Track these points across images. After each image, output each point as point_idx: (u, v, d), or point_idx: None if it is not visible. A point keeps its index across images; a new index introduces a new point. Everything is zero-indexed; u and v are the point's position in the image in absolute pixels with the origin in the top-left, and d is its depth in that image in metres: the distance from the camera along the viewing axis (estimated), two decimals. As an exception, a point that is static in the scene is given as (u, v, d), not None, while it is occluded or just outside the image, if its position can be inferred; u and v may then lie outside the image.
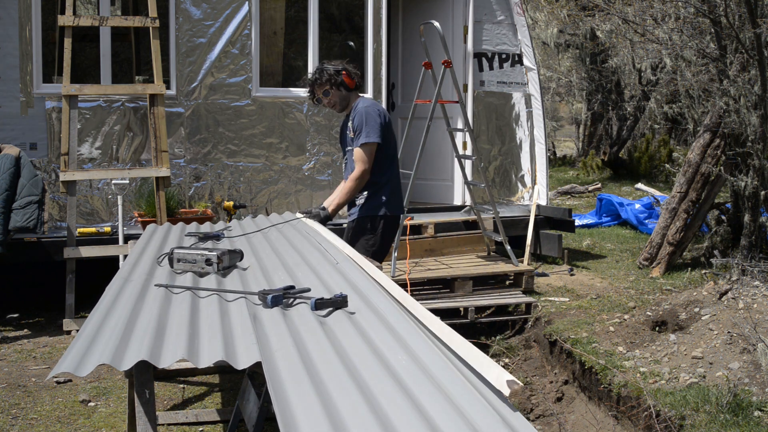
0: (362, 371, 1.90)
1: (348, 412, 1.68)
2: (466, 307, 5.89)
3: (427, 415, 1.67)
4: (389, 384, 1.81)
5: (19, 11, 6.27)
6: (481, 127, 8.14)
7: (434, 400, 1.73)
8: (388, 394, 1.77)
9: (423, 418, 1.65)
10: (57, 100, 6.39)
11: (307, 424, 1.60)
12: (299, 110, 7.35)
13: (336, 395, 1.76)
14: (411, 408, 1.70)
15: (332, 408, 1.69)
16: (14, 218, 5.73)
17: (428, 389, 1.80)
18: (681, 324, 5.09)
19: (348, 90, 4.51)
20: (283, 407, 1.66)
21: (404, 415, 1.68)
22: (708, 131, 7.07)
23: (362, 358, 1.98)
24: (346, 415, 1.65)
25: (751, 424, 3.76)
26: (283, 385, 1.78)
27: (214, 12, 6.93)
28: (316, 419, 1.62)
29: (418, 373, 1.88)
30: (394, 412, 1.68)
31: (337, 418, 1.64)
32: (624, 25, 9.74)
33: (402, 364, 1.93)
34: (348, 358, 1.99)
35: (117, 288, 2.67)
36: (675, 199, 7.28)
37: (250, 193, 7.17)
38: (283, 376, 1.83)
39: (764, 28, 5.85)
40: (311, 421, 1.61)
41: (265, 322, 2.27)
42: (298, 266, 3.07)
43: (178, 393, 4.73)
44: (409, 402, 1.73)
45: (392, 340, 2.12)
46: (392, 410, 1.69)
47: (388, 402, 1.72)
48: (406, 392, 1.78)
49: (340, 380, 1.83)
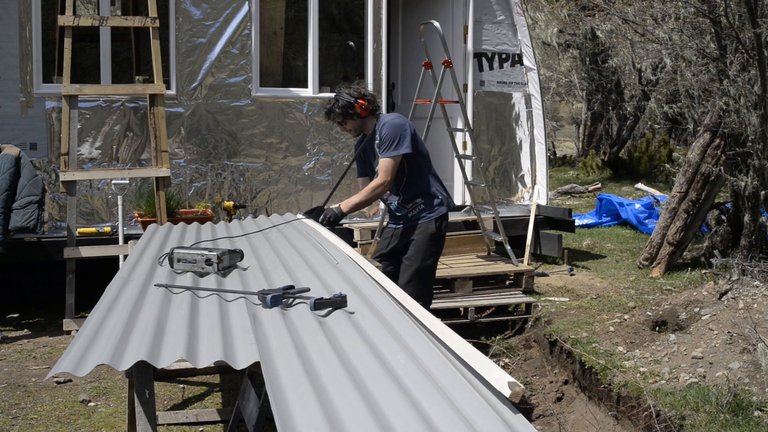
0: (361, 371, 1.90)
1: (346, 412, 1.68)
2: (466, 307, 5.89)
3: (426, 416, 1.66)
4: (388, 384, 1.81)
5: (19, 11, 6.27)
6: (481, 127, 8.14)
7: (433, 401, 1.73)
8: (387, 394, 1.77)
9: (422, 419, 1.65)
10: (57, 100, 6.39)
11: (304, 423, 1.60)
12: (299, 110, 7.34)
13: (334, 395, 1.75)
14: (410, 408, 1.70)
15: (330, 407, 1.69)
16: (14, 218, 5.73)
17: (428, 390, 1.79)
18: (681, 324, 5.09)
19: (362, 118, 4.50)
20: (281, 407, 1.66)
21: (402, 415, 1.68)
22: (708, 131, 7.07)
23: (361, 359, 1.98)
24: (344, 415, 1.65)
25: (751, 424, 3.76)
26: (281, 383, 1.78)
27: (214, 12, 6.93)
28: (313, 419, 1.62)
29: (418, 373, 1.88)
30: (393, 413, 1.68)
31: (335, 417, 1.64)
32: (624, 25, 9.74)
33: (401, 364, 1.92)
34: (347, 359, 1.99)
35: (117, 288, 2.67)
36: (675, 199, 7.28)
37: (250, 193, 7.16)
38: (282, 376, 1.82)
39: (764, 28, 5.85)
40: (309, 421, 1.61)
41: (264, 322, 2.27)
42: (298, 266, 3.07)
43: (178, 393, 4.73)
44: (408, 402, 1.72)
45: (392, 340, 2.12)
46: (391, 411, 1.69)
47: (386, 402, 1.72)
48: (405, 393, 1.78)
49: (338, 380, 1.82)
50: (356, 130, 4.58)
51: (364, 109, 4.45)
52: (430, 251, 4.55)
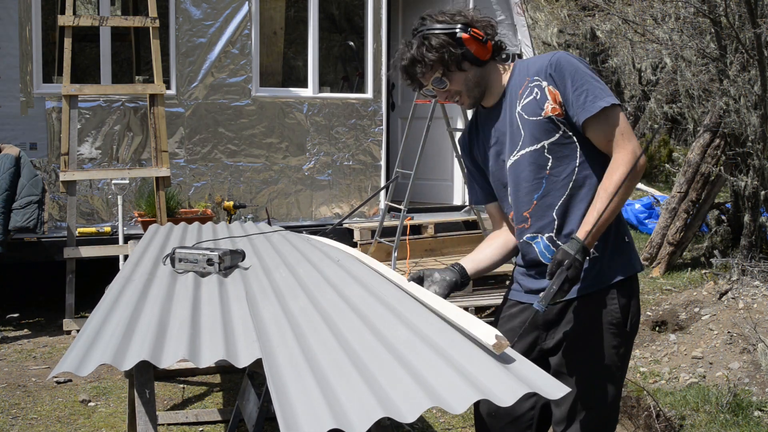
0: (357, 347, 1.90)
1: (341, 384, 1.69)
2: (466, 307, 5.89)
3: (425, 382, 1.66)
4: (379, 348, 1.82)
5: (19, 11, 6.27)
6: (481, 127, 8.13)
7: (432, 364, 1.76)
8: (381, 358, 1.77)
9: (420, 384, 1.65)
10: (57, 100, 6.39)
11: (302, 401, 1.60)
12: (299, 110, 7.35)
13: (326, 365, 1.76)
14: (405, 373, 1.73)
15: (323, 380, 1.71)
16: (14, 218, 5.74)
17: (433, 361, 1.83)
18: (681, 324, 5.09)
19: (481, 63, 2.33)
20: (280, 389, 1.66)
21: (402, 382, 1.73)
22: (708, 131, 7.08)
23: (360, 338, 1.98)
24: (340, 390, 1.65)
25: (751, 424, 3.76)
26: (281, 375, 1.78)
27: (214, 12, 6.93)
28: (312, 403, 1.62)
29: (418, 342, 1.88)
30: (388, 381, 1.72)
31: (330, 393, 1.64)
32: (624, 25, 9.74)
33: (399, 338, 1.93)
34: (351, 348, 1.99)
35: (118, 288, 2.66)
36: (675, 199, 7.29)
37: (250, 193, 7.17)
38: (282, 365, 1.83)
39: (764, 28, 5.85)
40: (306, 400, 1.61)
41: (265, 318, 2.27)
42: (299, 263, 3.06)
43: (178, 393, 4.73)
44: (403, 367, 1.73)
45: (392, 317, 2.12)
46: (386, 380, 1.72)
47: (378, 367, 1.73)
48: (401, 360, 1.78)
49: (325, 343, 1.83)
50: (471, 93, 2.35)
51: (482, 43, 2.29)
52: (617, 351, 2.34)
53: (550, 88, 2.25)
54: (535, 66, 2.31)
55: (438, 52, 2.25)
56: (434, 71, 2.29)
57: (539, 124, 2.26)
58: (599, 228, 2.16)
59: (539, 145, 2.28)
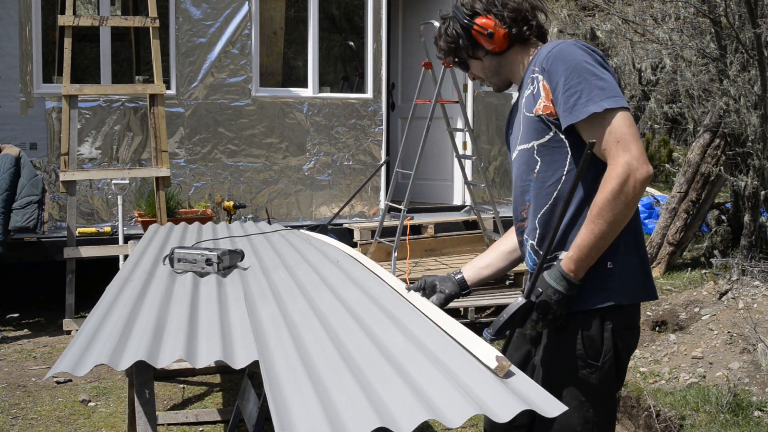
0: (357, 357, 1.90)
1: (336, 386, 1.69)
2: (466, 307, 5.89)
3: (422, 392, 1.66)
4: (380, 360, 1.81)
5: (19, 11, 6.27)
6: (481, 127, 8.13)
7: (439, 385, 1.74)
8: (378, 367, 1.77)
9: (416, 393, 1.65)
10: (57, 100, 6.39)
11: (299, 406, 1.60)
12: (299, 110, 7.35)
13: (325, 375, 1.75)
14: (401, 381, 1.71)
15: (322, 389, 1.70)
16: (14, 218, 5.74)
17: (430, 372, 1.80)
18: (681, 324, 5.09)
19: (495, 55, 2.20)
20: (277, 396, 1.66)
21: (395, 387, 1.71)
22: (708, 131, 7.07)
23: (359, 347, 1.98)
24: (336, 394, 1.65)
25: (751, 424, 3.76)
26: (275, 368, 1.78)
27: (214, 12, 6.93)
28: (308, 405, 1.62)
29: (415, 351, 1.88)
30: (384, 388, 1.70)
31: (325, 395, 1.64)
32: (624, 25, 9.73)
33: (397, 345, 1.93)
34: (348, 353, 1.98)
35: (117, 288, 2.67)
36: (675, 199, 7.28)
37: (250, 193, 7.17)
38: (278, 368, 1.82)
39: (764, 28, 5.84)
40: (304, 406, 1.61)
41: (263, 320, 2.27)
42: (299, 265, 3.06)
43: (178, 393, 4.73)
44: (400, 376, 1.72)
45: (390, 323, 2.12)
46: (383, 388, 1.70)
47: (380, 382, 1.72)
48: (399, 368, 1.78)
49: (325, 350, 1.83)
50: (491, 80, 2.27)
51: (488, 36, 2.14)
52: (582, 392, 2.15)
53: (545, 83, 2.03)
54: (541, 54, 2.08)
55: (447, 42, 2.24)
56: (448, 57, 2.27)
57: (531, 121, 2.08)
58: (586, 255, 1.94)
59: (529, 144, 2.10)
